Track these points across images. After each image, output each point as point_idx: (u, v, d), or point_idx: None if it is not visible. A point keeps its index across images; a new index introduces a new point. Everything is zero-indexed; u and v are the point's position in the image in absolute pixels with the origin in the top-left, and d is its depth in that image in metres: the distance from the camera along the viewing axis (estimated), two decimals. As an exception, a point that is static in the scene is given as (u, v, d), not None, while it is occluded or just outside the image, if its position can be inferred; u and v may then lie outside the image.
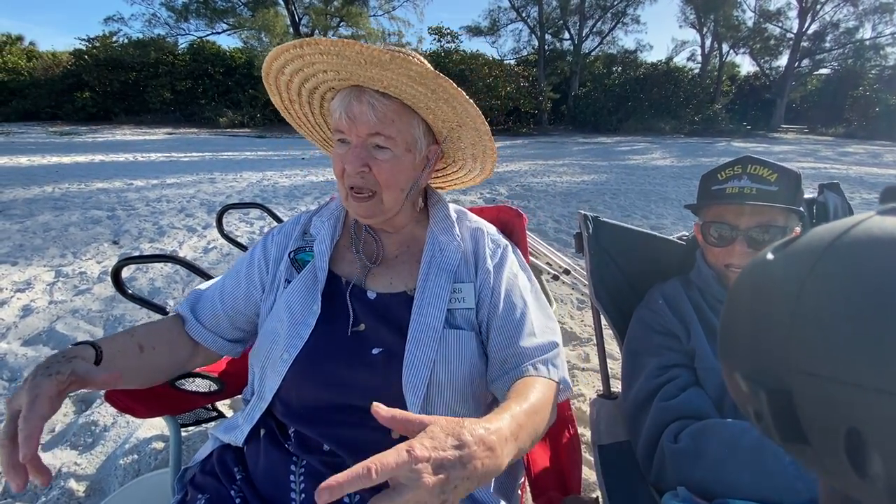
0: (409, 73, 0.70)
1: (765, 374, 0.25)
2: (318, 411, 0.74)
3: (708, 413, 0.89)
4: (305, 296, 0.79)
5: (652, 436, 0.91)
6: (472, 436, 0.50)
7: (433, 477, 0.45)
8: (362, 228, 0.86)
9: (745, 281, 0.29)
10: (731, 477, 0.78)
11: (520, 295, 0.83)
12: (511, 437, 0.56)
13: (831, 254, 0.23)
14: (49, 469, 0.54)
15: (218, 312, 0.86)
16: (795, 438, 0.24)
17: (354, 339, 0.77)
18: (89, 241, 3.96)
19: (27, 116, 20.96)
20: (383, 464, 0.43)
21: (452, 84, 0.72)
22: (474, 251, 0.86)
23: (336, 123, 0.76)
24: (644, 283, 1.17)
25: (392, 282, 0.82)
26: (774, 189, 0.94)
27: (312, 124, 0.92)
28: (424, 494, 0.45)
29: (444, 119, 0.80)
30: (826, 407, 0.22)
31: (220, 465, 0.78)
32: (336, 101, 0.77)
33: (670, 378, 0.95)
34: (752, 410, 0.27)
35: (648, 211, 5.66)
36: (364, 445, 0.71)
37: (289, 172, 8.13)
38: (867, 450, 0.20)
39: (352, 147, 0.75)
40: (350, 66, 0.71)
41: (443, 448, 0.47)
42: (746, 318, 0.28)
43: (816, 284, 0.23)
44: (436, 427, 0.49)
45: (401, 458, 0.44)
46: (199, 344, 0.85)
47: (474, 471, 0.49)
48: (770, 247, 0.29)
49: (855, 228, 0.24)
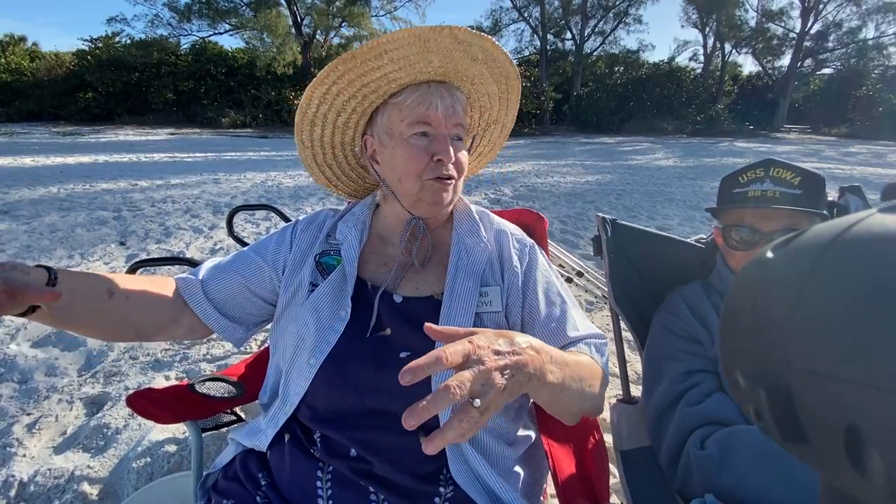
0: (500, 74, 0.83)
1: (765, 372, 0.25)
2: (345, 415, 0.74)
3: (734, 419, 0.88)
4: (333, 300, 0.78)
5: (676, 442, 0.90)
6: (521, 338, 0.56)
7: (493, 362, 0.50)
8: (419, 228, 0.84)
9: (746, 279, 0.29)
10: (758, 485, 0.78)
11: (557, 292, 0.84)
12: (557, 360, 0.60)
13: (832, 251, 0.23)
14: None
15: (231, 287, 0.83)
16: (795, 437, 0.24)
17: (381, 343, 0.76)
18: (96, 242, 3.96)
19: (30, 117, 21.01)
20: (451, 350, 0.48)
21: (520, 87, 0.85)
22: (499, 254, 0.86)
23: (423, 115, 0.77)
24: (663, 286, 1.16)
25: (419, 286, 0.82)
26: (798, 192, 0.93)
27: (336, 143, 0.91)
28: (489, 373, 0.49)
29: (488, 117, 0.88)
30: (826, 405, 0.22)
31: (243, 471, 0.77)
32: (417, 93, 0.78)
33: (694, 383, 0.94)
34: (752, 409, 0.27)
35: (654, 211, 5.65)
36: (392, 449, 0.71)
37: (293, 173, 8.13)
38: (866, 447, 0.20)
39: (440, 138, 0.77)
40: (465, 59, 0.77)
41: (497, 342, 0.53)
42: (746, 316, 0.28)
43: (817, 282, 0.23)
44: (485, 331, 0.54)
45: (465, 346, 0.50)
46: (187, 312, 0.81)
47: (525, 363, 0.53)
48: (770, 244, 0.29)
49: (856, 226, 0.24)
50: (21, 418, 1.77)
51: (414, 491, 0.71)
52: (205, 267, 0.86)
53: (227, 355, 2.25)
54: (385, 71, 0.76)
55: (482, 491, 0.71)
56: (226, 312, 0.83)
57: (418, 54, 0.74)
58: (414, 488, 0.71)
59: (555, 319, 0.81)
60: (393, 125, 0.79)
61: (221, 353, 2.27)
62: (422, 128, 0.77)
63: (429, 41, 0.73)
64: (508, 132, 0.97)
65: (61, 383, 2.00)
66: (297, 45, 23.14)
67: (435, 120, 0.77)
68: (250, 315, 0.86)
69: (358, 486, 0.71)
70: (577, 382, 0.64)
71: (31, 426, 1.73)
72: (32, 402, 1.87)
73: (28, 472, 1.50)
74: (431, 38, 0.73)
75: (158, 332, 0.80)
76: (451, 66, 0.78)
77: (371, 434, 0.72)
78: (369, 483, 0.70)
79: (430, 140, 0.78)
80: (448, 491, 0.72)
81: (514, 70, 0.84)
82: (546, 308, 0.82)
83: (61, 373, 2.09)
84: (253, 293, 0.85)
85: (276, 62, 21.70)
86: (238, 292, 0.84)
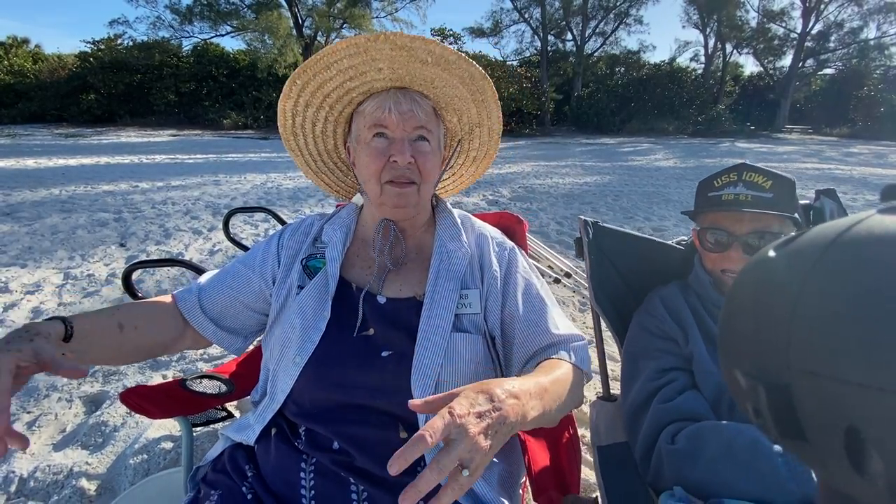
0: (462, 75, 0.82)
1: (764, 371, 0.25)
2: (329, 411, 0.77)
3: (704, 415, 0.91)
4: (317, 301, 0.82)
5: (650, 437, 0.93)
6: (500, 389, 0.57)
7: (476, 427, 0.51)
8: (390, 230, 0.88)
9: (747, 278, 0.29)
10: (726, 477, 0.81)
11: (536, 294, 0.87)
12: (535, 394, 0.62)
13: (832, 252, 0.23)
14: (24, 435, 0.55)
15: (223, 301, 0.87)
16: (794, 435, 0.24)
17: (364, 343, 0.80)
18: (97, 243, 4.01)
19: (33, 118, 21.14)
20: (434, 428, 0.49)
21: (492, 87, 0.85)
22: (480, 257, 0.89)
23: (379, 119, 0.81)
24: (643, 286, 1.19)
25: (402, 287, 0.85)
26: (769, 196, 0.96)
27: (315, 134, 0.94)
28: (473, 442, 0.50)
29: (467, 120, 0.89)
30: (826, 405, 0.22)
31: (231, 464, 0.81)
32: (377, 100, 0.81)
33: (668, 381, 0.98)
34: (750, 407, 0.27)
35: (651, 213, 5.67)
36: (373, 442, 0.75)
37: (292, 175, 8.18)
38: (867, 448, 0.20)
39: (397, 140, 0.81)
40: (413, 63, 0.78)
41: (478, 403, 0.54)
42: (747, 316, 0.28)
43: (817, 282, 0.23)
44: (466, 391, 0.55)
45: (446, 419, 0.50)
46: (189, 327, 0.85)
47: (507, 416, 0.55)
48: (772, 244, 0.29)
49: (856, 227, 0.24)
50: (21, 416, 1.81)
51: (392, 483, 0.74)
52: (201, 281, 0.89)
53: (222, 355, 2.28)
54: (338, 81, 0.82)
55: None
56: (223, 325, 0.87)
57: (363, 63, 0.79)
58: (392, 480, 0.74)
59: (534, 321, 0.83)
60: (360, 131, 0.85)
61: (218, 352, 2.31)
62: (379, 129, 0.81)
63: (368, 50, 0.77)
64: (498, 134, 0.96)
65: (61, 382, 2.04)
66: (299, 47, 23.23)
67: (391, 123, 0.81)
68: (245, 326, 0.90)
69: (339, 478, 0.74)
70: (558, 400, 0.67)
71: (31, 424, 1.77)
72: (32, 401, 1.91)
73: (28, 468, 1.54)
74: (370, 46, 0.77)
75: (167, 349, 0.85)
76: (402, 71, 0.80)
77: (353, 428, 0.76)
78: (350, 475, 0.74)
79: (389, 143, 0.81)
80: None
81: (477, 71, 0.84)
82: (525, 309, 0.84)
83: (61, 372, 2.13)
84: (246, 306, 0.88)
85: (277, 64, 21.80)
86: (231, 305, 0.88)
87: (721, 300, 1.02)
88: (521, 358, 0.82)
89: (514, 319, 0.84)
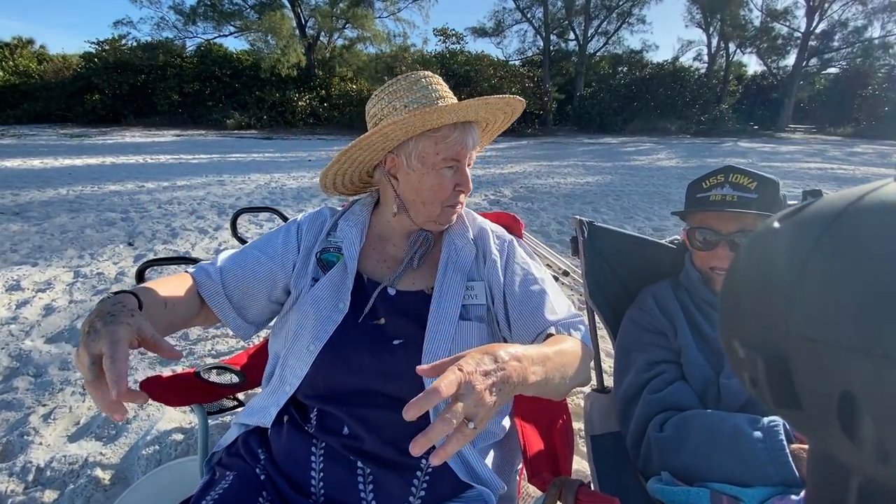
0: (510, 112, 0.95)
1: (763, 339, 0.26)
2: (343, 394, 0.83)
3: (692, 405, 0.96)
4: (332, 293, 0.87)
5: (640, 426, 0.99)
6: (503, 351, 0.61)
7: (482, 384, 0.56)
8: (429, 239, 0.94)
9: (750, 249, 0.29)
10: (710, 462, 0.86)
11: (534, 280, 0.92)
12: (538, 360, 0.65)
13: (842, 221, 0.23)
14: (142, 393, 0.57)
15: (246, 290, 0.88)
16: (789, 404, 0.25)
17: (376, 332, 0.86)
18: (105, 242, 4.08)
19: (38, 118, 21.26)
20: (447, 380, 0.53)
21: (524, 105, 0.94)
22: (482, 250, 0.95)
23: (458, 153, 0.87)
24: (637, 284, 1.24)
25: (414, 282, 0.92)
26: (754, 196, 1.01)
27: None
28: (479, 397, 0.55)
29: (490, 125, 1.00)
30: (822, 371, 0.22)
31: (244, 448, 0.86)
32: (456, 135, 0.86)
33: (658, 373, 1.03)
34: (747, 377, 0.27)
35: (651, 213, 5.71)
36: (382, 424, 0.81)
37: (296, 174, 8.25)
38: (859, 413, 0.21)
39: (462, 170, 0.90)
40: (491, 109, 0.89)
41: (483, 362, 0.58)
42: (749, 286, 0.28)
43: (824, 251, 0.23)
44: (472, 353, 0.60)
45: (455, 374, 0.55)
46: (205, 308, 0.86)
47: (510, 376, 0.59)
48: (776, 215, 0.28)
49: (868, 196, 0.23)
50: (37, 409, 1.88)
51: (398, 463, 0.80)
52: (220, 265, 0.89)
53: (230, 351, 2.35)
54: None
55: (460, 464, 0.81)
56: (244, 314, 0.89)
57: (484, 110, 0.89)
58: (398, 460, 0.80)
59: (533, 306, 0.88)
60: (426, 155, 0.86)
61: (226, 348, 2.37)
62: (453, 163, 0.88)
63: (459, 112, 0.84)
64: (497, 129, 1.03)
65: (74, 376, 2.10)
66: (301, 47, 23.32)
67: (464, 156, 0.88)
68: (261, 314, 0.92)
69: (347, 461, 0.80)
70: (560, 370, 0.72)
71: (46, 416, 1.83)
72: (47, 394, 1.97)
73: (44, 458, 1.60)
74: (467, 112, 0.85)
75: (180, 327, 0.86)
76: (487, 114, 0.92)
77: (365, 410, 0.82)
78: (357, 458, 0.79)
79: (455, 172, 0.89)
80: (429, 464, 0.80)
81: (521, 105, 0.94)
82: (524, 297, 0.90)
83: (74, 367, 2.19)
84: (266, 297, 0.90)
85: (280, 64, 21.87)
86: (252, 295, 0.89)
87: (710, 296, 1.07)
88: (521, 340, 0.87)
89: (514, 306, 0.89)
